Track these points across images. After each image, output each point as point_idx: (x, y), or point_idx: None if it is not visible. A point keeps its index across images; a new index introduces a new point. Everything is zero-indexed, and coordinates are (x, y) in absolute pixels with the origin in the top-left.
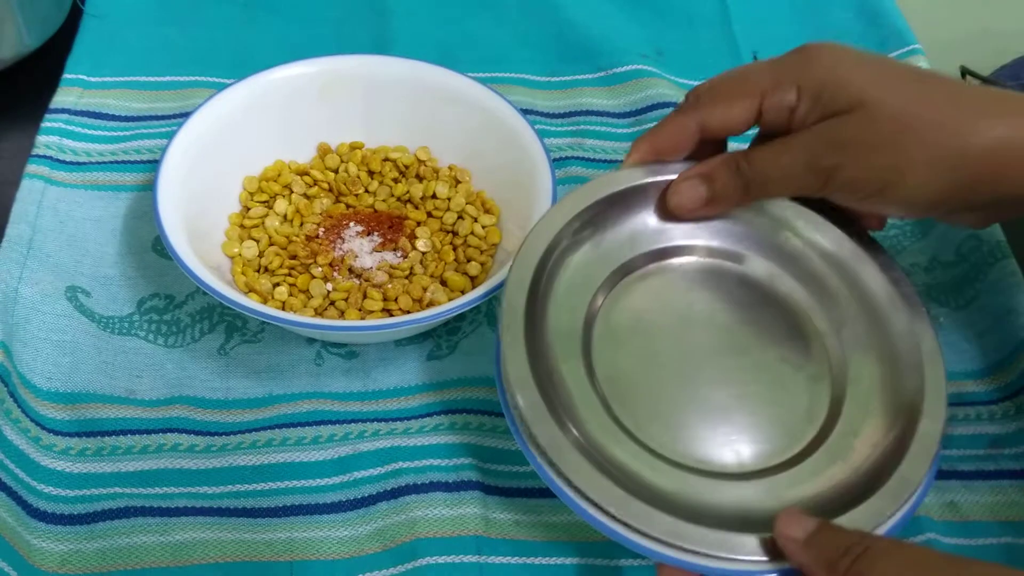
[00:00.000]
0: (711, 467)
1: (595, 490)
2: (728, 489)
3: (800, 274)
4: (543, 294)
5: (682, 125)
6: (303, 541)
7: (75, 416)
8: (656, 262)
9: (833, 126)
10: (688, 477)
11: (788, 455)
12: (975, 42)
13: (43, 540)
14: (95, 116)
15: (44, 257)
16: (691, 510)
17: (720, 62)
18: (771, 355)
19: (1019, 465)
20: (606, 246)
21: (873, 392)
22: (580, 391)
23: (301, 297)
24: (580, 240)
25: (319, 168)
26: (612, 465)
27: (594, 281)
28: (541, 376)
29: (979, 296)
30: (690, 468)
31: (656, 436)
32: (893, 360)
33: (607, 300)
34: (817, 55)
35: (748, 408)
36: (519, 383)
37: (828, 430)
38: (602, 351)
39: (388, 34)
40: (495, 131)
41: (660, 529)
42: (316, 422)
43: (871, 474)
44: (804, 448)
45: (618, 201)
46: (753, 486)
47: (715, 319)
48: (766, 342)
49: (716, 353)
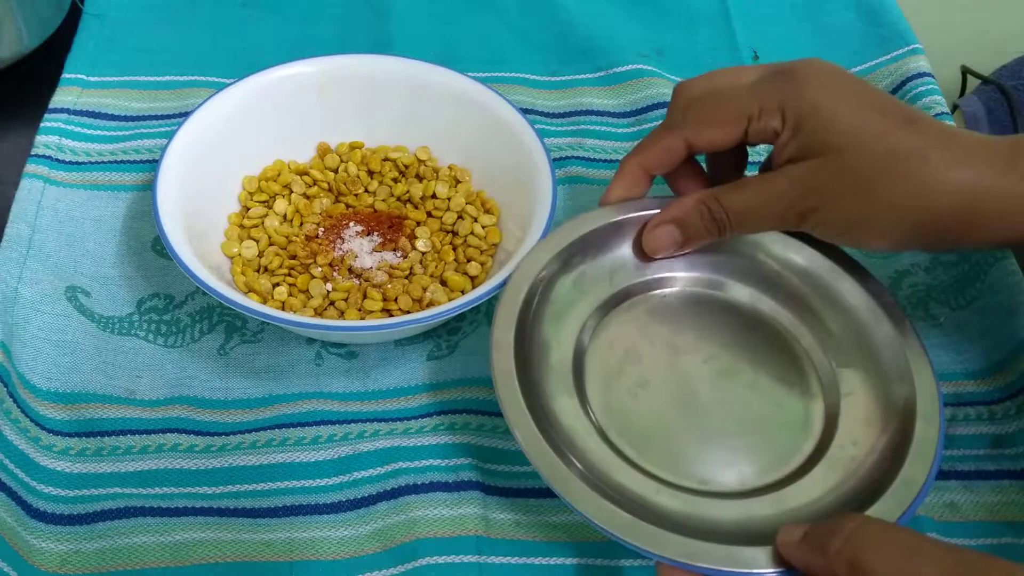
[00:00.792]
0: (714, 487)
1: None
2: (733, 507)
3: (781, 296)
4: (530, 332)
5: (668, 144)
6: (303, 541)
7: (75, 416)
8: (638, 295)
9: (809, 171)
10: (692, 498)
11: (789, 470)
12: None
13: (43, 540)
14: (94, 116)
15: (44, 257)
16: (698, 529)
17: (720, 62)
18: (762, 376)
19: (1019, 465)
20: (588, 283)
21: (866, 403)
22: (577, 423)
23: (301, 297)
24: (561, 278)
25: (319, 168)
26: (616, 491)
27: (579, 317)
28: (537, 411)
29: (980, 296)
30: (694, 490)
31: (657, 462)
32: (882, 370)
33: (594, 334)
34: (806, 85)
35: (745, 429)
36: (516, 420)
37: (826, 443)
38: (595, 383)
39: (388, 34)
40: (495, 131)
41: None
42: (316, 422)
43: (873, 480)
44: (804, 462)
45: (595, 239)
46: (758, 502)
47: (703, 345)
48: (756, 364)
49: (708, 378)
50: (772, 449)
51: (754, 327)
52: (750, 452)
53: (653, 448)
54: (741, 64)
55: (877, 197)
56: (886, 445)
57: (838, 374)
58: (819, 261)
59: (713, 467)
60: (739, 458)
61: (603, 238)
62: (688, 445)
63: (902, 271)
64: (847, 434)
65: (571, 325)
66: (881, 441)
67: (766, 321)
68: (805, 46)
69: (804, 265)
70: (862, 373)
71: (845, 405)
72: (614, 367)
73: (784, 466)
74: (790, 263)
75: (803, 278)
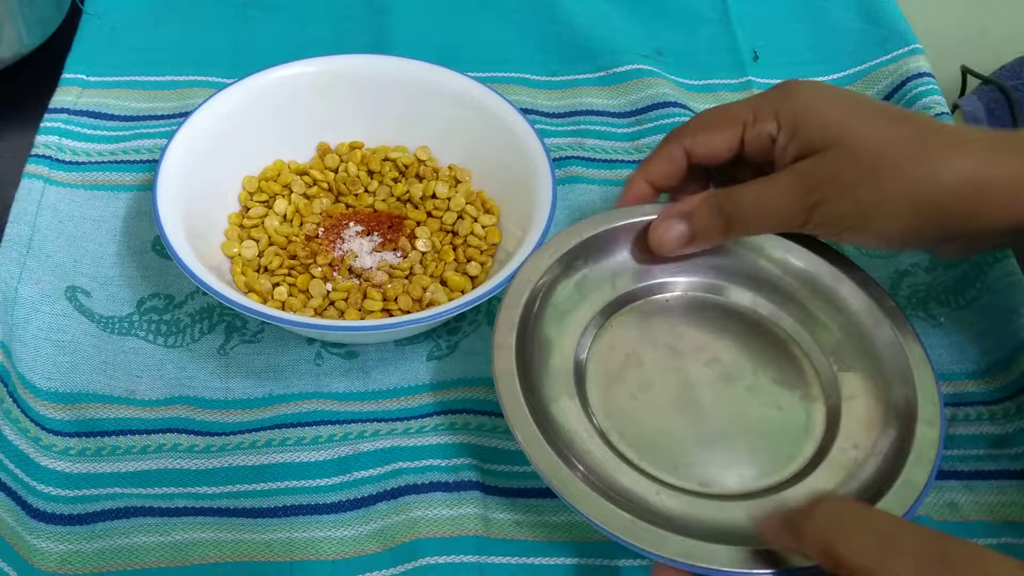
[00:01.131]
0: (715, 490)
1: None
2: (734, 509)
3: (781, 300)
4: (531, 335)
5: (669, 154)
6: (303, 541)
7: (75, 416)
8: (639, 300)
9: (812, 164)
10: (693, 500)
11: (790, 473)
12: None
13: (43, 540)
14: (94, 116)
15: (44, 257)
16: (698, 530)
17: (720, 62)
18: (763, 379)
19: (1019, 465)
20: (590, 287)
21: (868, 406)
22: (578, 425)
23: (301, 297)
24: (563, 281)
25: (319, 168)
26: (617, 492)
27: (581, 320)
28: (538, 412)
29: (980, 296)
30: (695, 492)
31: (658, 464)
32: (883, 373)
33: (596, 338)
34: (795, 91)
35: (747, 432)
36: (517, 420)
37: (828, 446)
38: (596, 386)
39: (388, 34)
40: (495, 131)
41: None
42: (316, 422)
43: (875, 482)
44: (806, 465)
45: (597, 243)
46: (760, 504)
47: (705, 349)
48: (757, 367)
49: (709, 381)
50: (773, 452)
51: (755, 331)
52: (751, 455)
53: (654, 450)
54: (741, 64)
55: (883, 182)
56: (887, 447)
57: (839, 377)
58: (819, 265)
59: (714, 469)
60: (740, 461)
61: (605, 242)
62: (689, 448)
63: (902, 271)
64: (848, 437)
65: (573, 328)
66: (882, 443)
67: (767, 325)
68: (805, 46)
69: (804, 268)
70: (863, 376)
71: (846, 408)
72: (615, 370)
73: (785, 469)
74: (790, 267)
75: (804, 282)
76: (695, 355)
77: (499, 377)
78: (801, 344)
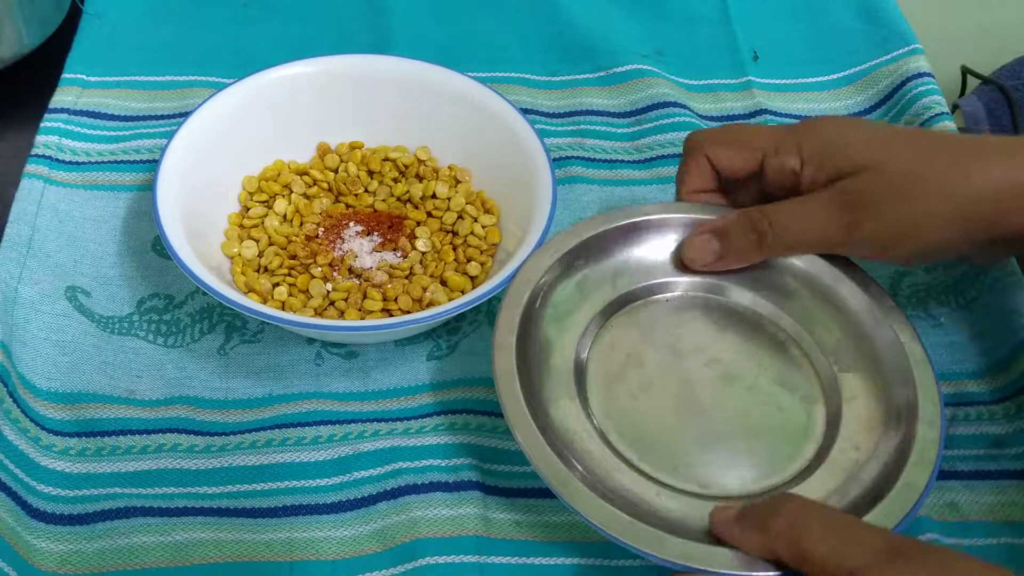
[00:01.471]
0: (715, 491)
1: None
2: None
3: (782, 301)
4: (532, 335)
5: (698, 165)
6: (303, 541)
7: (75, 416)
8: (640, 299)
9: (848, 184)
10: (693, 501)
11: (791, 474)
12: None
13: (43, 540)
14: (94, 116)
15: (44, 257)
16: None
17: (720, 62)
18: (763, 380)
19: (1020, 465)
20: (590, 287)
21: (868, 407)
22: (578, 425)
23: (301, 297)
24: (563, 282)
25: (319, 168)
26: (616, 493)
27: (581, 320)
28: (538, 412)
29: (980, 296)
30: (695, 493)
31: (658, 465)
32: (883, 374)
33: (596, 338)
34: (816, 126)
35: (747, 432)
36: (517, 420)
37: (828, 447)
38: (596, 386)
39: (388, 34)
40: (495, 131)
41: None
42: (316, 422)
43: (875, 483)
44: (806, 466)
45: (598, 244)
46: None
47: (705, 349)
48: (757, 368)
49: (710, 382)
50: (773, 453)
51: (755, 331)
52: (751, 456)
53: (654, 451)
54: (741, 64)
55: (919, 195)
56: (888, 449)
57: (840, 378)
58: (819, 265)
59: (714, 470)
60: (740, 462)
61: (605, 242)
62: (689, 448)
63: (902, 271)
64: (849, 438)
65: (573, 329)
66: (883, 445)
67: (767, 326)
68: (805, 46)
69: (804, 268)
70: (864, 377)
71: (847, 409)
72: (615, 370)
73: (785, 470)
74: (791, 268)
75: (804, 282)
76: (695, 355)
77: (499, 377)
78: (801, 344)
